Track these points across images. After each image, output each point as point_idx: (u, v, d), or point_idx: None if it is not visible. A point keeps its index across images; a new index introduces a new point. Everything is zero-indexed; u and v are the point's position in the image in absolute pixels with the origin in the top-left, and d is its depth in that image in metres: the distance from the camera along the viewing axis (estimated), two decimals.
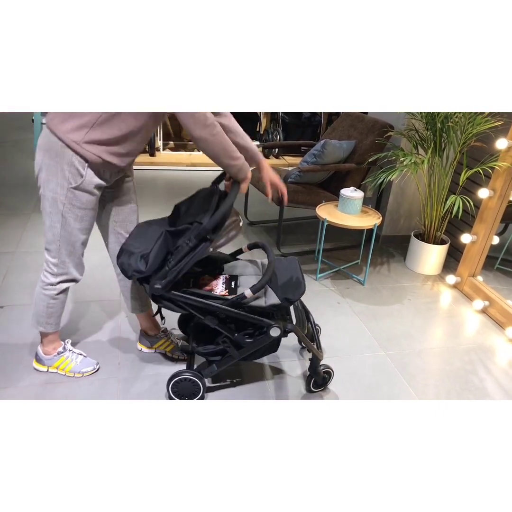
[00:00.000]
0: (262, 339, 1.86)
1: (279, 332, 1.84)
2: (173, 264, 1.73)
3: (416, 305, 2.81)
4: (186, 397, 1.96)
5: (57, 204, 1.69)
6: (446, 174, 2.96)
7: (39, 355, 2.06)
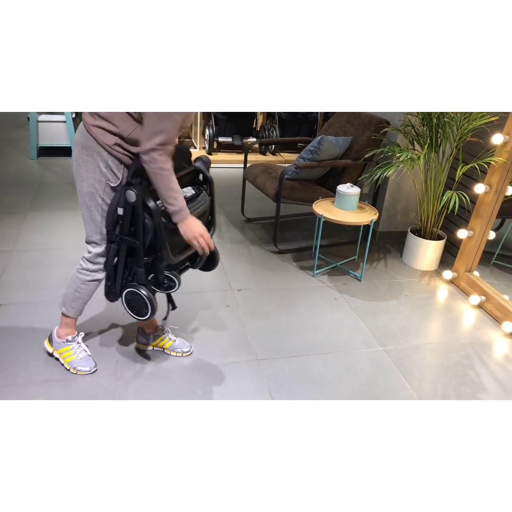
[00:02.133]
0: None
1: (133, 196, 1.68)
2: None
3: (413, 301, 2.82)
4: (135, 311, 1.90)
5: (96, 198, 1.77)
6: (442, 170, 2.97)
7: (52, 335, 2.11)
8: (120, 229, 1.77)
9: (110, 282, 1.89)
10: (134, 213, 1.71)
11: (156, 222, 1.70)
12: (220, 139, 5.18)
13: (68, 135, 4.81)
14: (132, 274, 1.86)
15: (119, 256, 1.82)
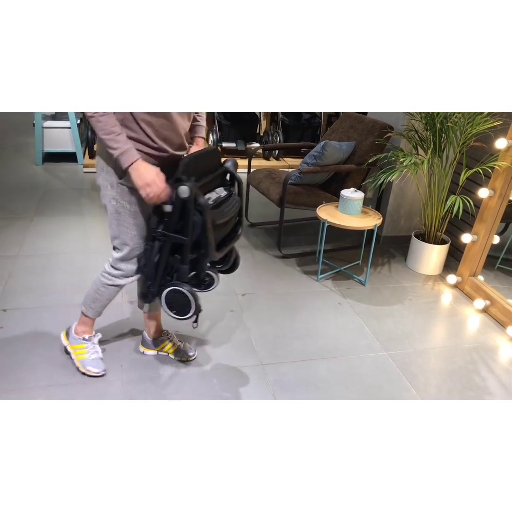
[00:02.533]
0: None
1: (187, 192, 1.66)
2: (142, 270, 1.87)
3: (417, 305, 2.82)
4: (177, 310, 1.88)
5: (112, 201, 1.78)
6: (446, 174, 2.97)
7: (70, 329, 2.14)
8: (166, 226, 1.76)
9: (150, 281, 1.86)
10: (185, 209, 1.70)
11: (205, 217, 1.70)
12: (224, 145, 5.20)
13: (73, 141, 4.84)
14: (171, 273, 1.85)
15: (162, 254, 1.81)
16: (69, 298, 2.64)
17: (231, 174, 1.93)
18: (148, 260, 1.84)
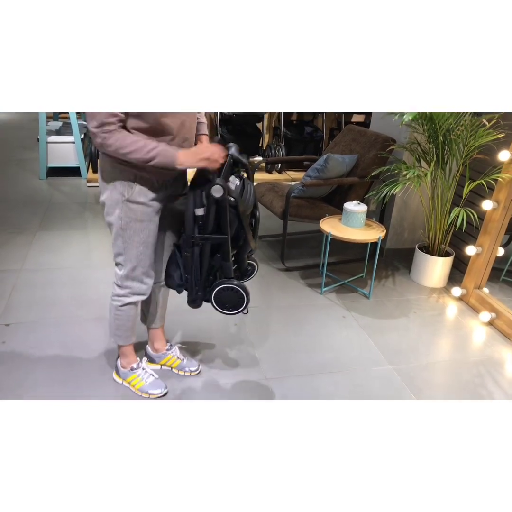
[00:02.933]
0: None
1: (221, 190, 1.68)
2: (186, 278, 1.89)
3: (422, 318, 2.80)
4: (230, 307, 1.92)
5: (116, 219, 1.76)
6: (449, 187, 2.97)
7: (117, 366, 2.11)
8: (203, 229, 1.77)
9: (197, 287, 1.88)
10: (219, 208, 1.72)
11: (241, 210, 1.74)
12: None
13: (77, 156, 4.88)
14: (213, 273, 1.87)
15: (203, 257, 1.83)
16: (72, 312, 2.63)
17: (237, 160, 1.87)
18: (190, 267, 1.85)
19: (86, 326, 2.52)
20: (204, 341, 2.46)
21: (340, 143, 3.59)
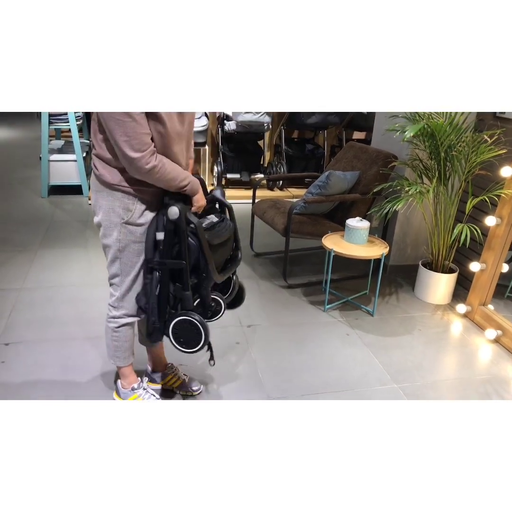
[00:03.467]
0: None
1: (177, 212, 1.66)
2: (145, 303, 1.80)
3: (426, 335, 2.76)
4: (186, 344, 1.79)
5: (114, 241, 1.75)
6: (452, 203, 2.96)
7: (118, 387, 2.07)
8: (161, 254, 1.72)
9: (153, 317, 1.78)
10: (177, 232, 1.68)
11: (201, 237, 1.68)
12: (228, 176, 5.24)
13: (79, 174, 4.89)
14: (176, 304, 1.78)
15: (162, 284, 1.74)
16: (73, 331, 2.60)
17: (220, 201, 1.93)
18: (149, 294, 1.77)
19: (86, 345, 2.48)
20: (205, 360, 2.42)
21: (342, 160, 3.60)
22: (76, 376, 2.24)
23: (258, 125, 4.93)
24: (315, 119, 5.17)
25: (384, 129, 3.51)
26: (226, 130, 5.04)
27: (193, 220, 1.68)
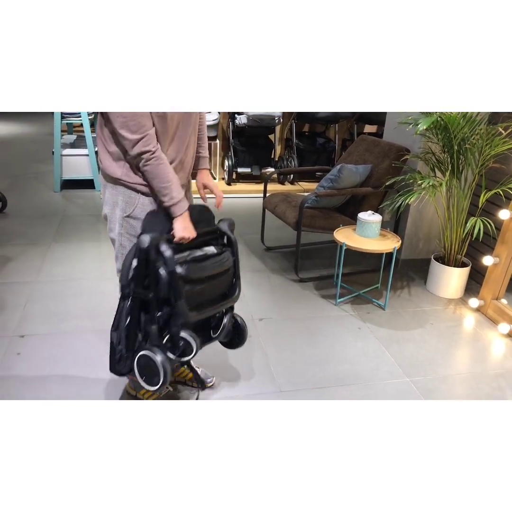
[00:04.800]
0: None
1: (147, 240, 1.58)
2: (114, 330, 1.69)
3: (439, 330, 2.75)
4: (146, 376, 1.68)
5: (117, 235, 1.77)
6: (465, 196, 2.93)
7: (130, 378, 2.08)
8: (134, 282, 1.63)
9: (121, 346, 1.68)
10: (147, 261, 1.59)
11: (170, 269, 1.58)
12: (239, 170, 5.24)
13: (91, 168, 4.92)
14: (146, 336, 1.68)
15: (132, 314, 1.66)
16: (86, 324, 2.63)
17: (225, 234, 1.82)
18: (119, 322, 1.67)
19: (99, 338, 2.51)
20: (217, 354, 2.44)
21: (354, 153, 3.58)
22: (88, 369, 2.27)
23: (269, 119, 4.92)
24: (326, 112, 5.14)
25: (397, 122, 3.48)
26: (237, 124, 5.04)
27: (164, 252, 1.58)
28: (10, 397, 2.06)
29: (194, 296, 1.67)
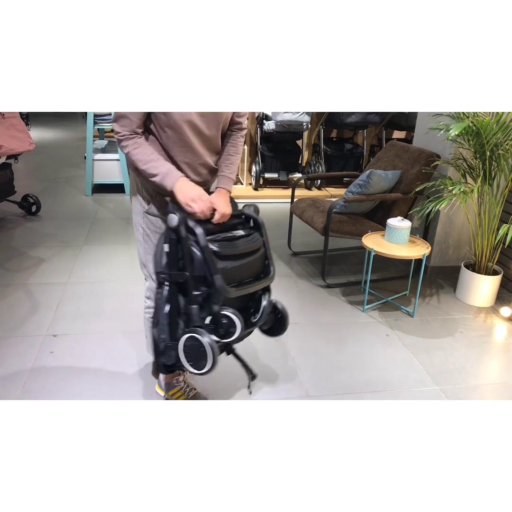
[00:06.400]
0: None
1: (175, 219, 1.56)
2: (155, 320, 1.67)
3: (468, 338, 2.70)
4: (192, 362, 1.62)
5: (139, 230, 1.81)
6: (497, 203, 2.88)
7: (160, 379, 2.12)
8: (168, 266, 1.61)
9: (164, 335, 1.65)
10: (179, 241, 1.57)
11: (203, 244, 1.55)
12: (267, 175, 5.26)
13: (121, 173, 5.02)
14: (188, 321, 1.65)
15: (171, 299, 1.63)
16: (116, 325, 2.68)
17: (251, 217, 1.80)
18: (159, 312, 1.65)
19: (129, 339, 2.55)
20: (245, 357, 2.45)
21: (383, 159, 3.56)
22: (120, 369, 2.31)
23: (297, 124, 4.93)
24: (354, 118, 5.13)
25: (427, 128, 3.45)
26: (265, 129, 5.07)
27: (195, 230, 1.56)
28: (43, 395, 2.11)
29: (230, 273, 1.63)
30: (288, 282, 3.27)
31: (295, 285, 3.23)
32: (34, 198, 4.32)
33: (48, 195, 4.98)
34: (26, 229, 4.03)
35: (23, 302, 2.87)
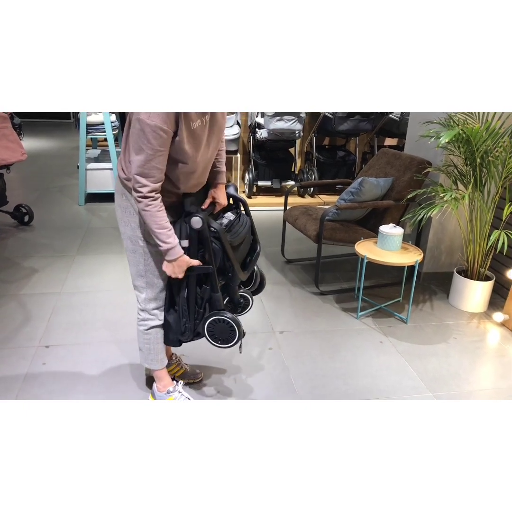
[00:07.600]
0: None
1: (200, 221, 1.72)
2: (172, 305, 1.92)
3: (462, 344, 2.71)
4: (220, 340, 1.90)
5: (138, 242, 1.81)
6: (488, 209, 2.90)
7: (153, 389, 2.12)
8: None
9: (184, 318, 1.89)
10: (202, 239, 1.76)
11: (223, 242, 1.76)
12: (260, 183, 5.28)
13: (114, 182, 5.02)
14: (202, 304, 1.87)
15: (190, 288, 1.84)
16: (110, 335, 2.67)
17: (233, 197, 2.00)
18: (177, 297, 1.86)
19: (123, 349, 2.54)
20: (239, 365, 2.44)
21: (374, 166, 3.58)
22: (113, 379, 2.30)
23: (290, 132, 4.96)
24: (346, 126, 5.16)
25: (418, 135, 3.48)
26: (257, 138, 5.09)
27: (215, 227, 1.75)
28: None
29: (239, 258, 1.90)
30: (282, 290, 3.27)
31: (288, 293, 3.24)
32: (27, 208, 4.31)
33: (41, 205, 4.97)
34: (19, 240, 4.02)
35: (15, 313, 2.85)
